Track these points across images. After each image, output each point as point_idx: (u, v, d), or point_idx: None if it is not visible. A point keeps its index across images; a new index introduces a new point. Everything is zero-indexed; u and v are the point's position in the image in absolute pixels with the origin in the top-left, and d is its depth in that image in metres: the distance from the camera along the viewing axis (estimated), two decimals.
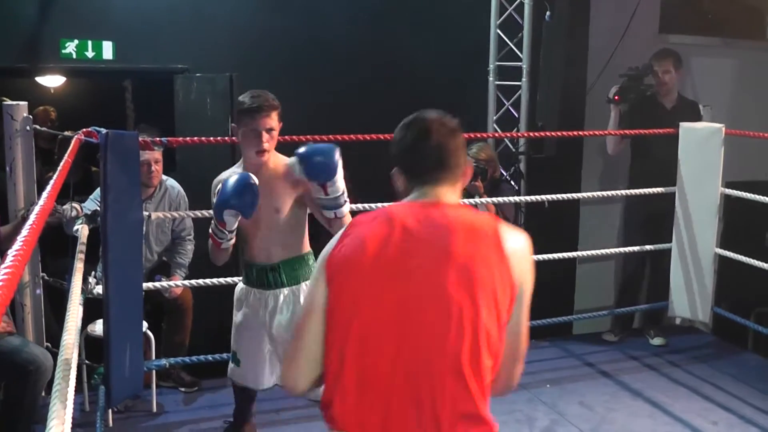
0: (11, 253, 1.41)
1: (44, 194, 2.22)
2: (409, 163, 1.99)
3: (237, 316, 3.59)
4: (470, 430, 1.85)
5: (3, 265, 1.32)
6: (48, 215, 3.99)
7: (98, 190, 4.47)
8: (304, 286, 3.42)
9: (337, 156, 3.06)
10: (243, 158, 3.45)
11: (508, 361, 1.93)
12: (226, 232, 3.24)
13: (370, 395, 1.84)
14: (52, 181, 2.44)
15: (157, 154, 4.66)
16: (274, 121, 3.36)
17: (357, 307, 1.85)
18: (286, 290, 3.44)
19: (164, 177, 4.83)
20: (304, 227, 3.49)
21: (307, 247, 3.51)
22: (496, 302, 1.84)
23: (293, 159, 3.12)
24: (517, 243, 1.92)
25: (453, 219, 1.89)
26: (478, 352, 1.82)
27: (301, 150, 3.06)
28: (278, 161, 3.44)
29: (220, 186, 3.26)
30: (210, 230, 3.30)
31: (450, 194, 1.97)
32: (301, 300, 3.35)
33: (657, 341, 5.56)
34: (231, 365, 3.64)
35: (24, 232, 1.62)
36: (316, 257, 2.49)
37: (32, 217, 1.79)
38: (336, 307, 1.88)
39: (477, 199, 5.09)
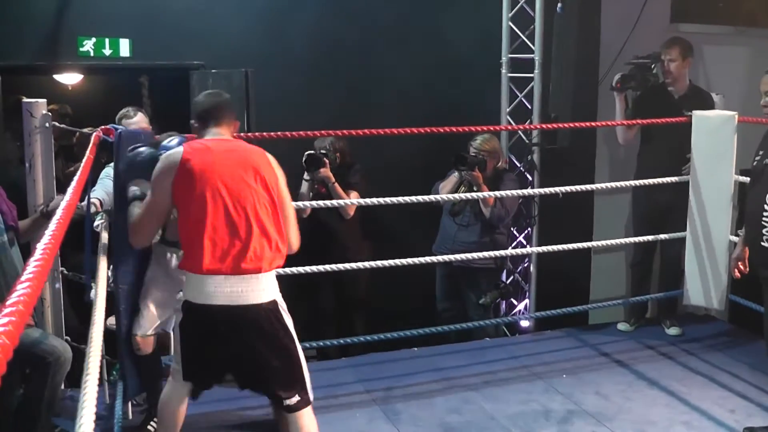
0: (40, 246, 1.44)
1: (69, 189, 2.26)
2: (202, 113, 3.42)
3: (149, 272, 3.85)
4: None
5: (33, 258, 1.36)
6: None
7: (103, 177, 4.53)
8: None
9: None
10: None
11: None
12: None
13: None
14: (76, 177, 2.48)
15: None
16: None
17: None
18: None
19: None
20: None
21: None
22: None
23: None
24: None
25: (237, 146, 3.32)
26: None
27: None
28: None
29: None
30: None
31: (226, 132, 3.37)
32: None
33: (673, 330, 5.56)
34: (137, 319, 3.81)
35: (51, 226, 1.65)
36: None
37: (59, 212, 1.82)
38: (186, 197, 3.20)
39: (476, 193, 5.14)
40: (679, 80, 5.52)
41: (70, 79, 7.37)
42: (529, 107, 6.08)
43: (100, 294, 2.78)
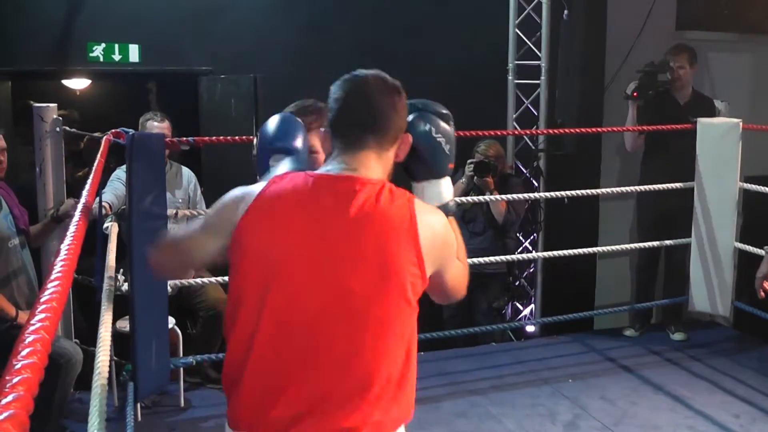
0: (63, 247, 1.47)
1: (84, 192, 2.29)
2: (334, 120, 1.88)
3: None
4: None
5: (58, 258, 1.39)
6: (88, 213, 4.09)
7: (113, 179, 4.57)
8: None
9: None
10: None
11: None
12: None
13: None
14: (89, 180, 2.51)
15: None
16: None
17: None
18: None
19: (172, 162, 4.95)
20: None
21: None
22: (405, 294, 1.82)
23: None
24: (431, 230, 1.82)
25: (364, 205, 1.77)
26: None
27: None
28: None
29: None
30: None
31: (374, 162, 1.85)
32: None
33: (678, 336, 5.57)
34: None
35: (71, 228, 1.68)
36: None
37: (77, 214, 1.85)
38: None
39: (488, 196, 5.16)
40: (685, 87, 5.55)
41: (78, 84, 7.41)
42: (535, 114, 6.11)
43: (107, 296, 2.82)
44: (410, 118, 2.04)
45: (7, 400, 0.73)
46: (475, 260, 5.07)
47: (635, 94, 5.47)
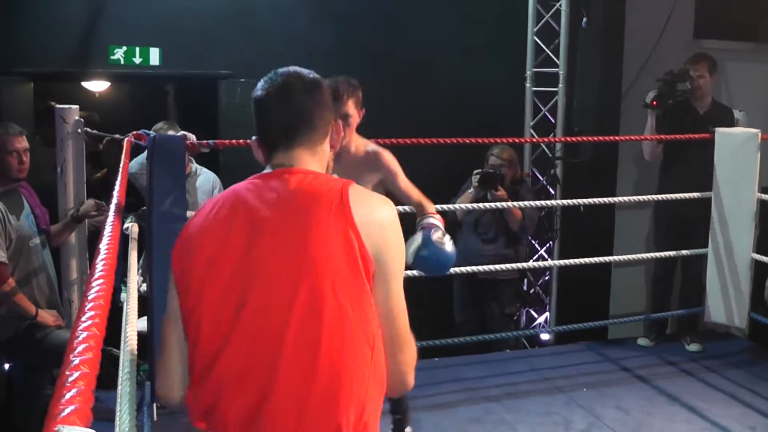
0: (103, 246, 1.49)
1: (115, 194, 2.30)
2: (261, 128, 1.85)
3: None
4: None
5: (98, 258, 1.40)
6: (98, 214, 4.09)
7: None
8: None
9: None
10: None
11: (387, 348, 1.73)
12: None
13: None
14: (118, 183, 2.53)
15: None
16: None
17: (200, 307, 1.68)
18: None
19: (197, 166, 4.94)
20: None
21: None
22: (343, 282, 1.63)
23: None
24: (370, 211, 1.70)
25: (293, 190, 1.72)
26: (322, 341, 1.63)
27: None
28: (359, 144, 3.40)
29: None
30: None
31: (308, 158, 1.82)
32: None
33: (693, 347, 5.54)
34: None
35: (107, 230, 1.70)
36: None
37: (110, 215, 1.87)
38: (183, 309, 1.72)
39: (501, 203, 5.16)
40: (705, 96, 5.54)
41: (97, 86, 7.44)
42: (553, 121, 6.12)
43: (132, 295, 2.83)
44: None
45: (71, 395, 0.74)
46: (489, 267, 5.08)
47: (655, 102, 5.44)
